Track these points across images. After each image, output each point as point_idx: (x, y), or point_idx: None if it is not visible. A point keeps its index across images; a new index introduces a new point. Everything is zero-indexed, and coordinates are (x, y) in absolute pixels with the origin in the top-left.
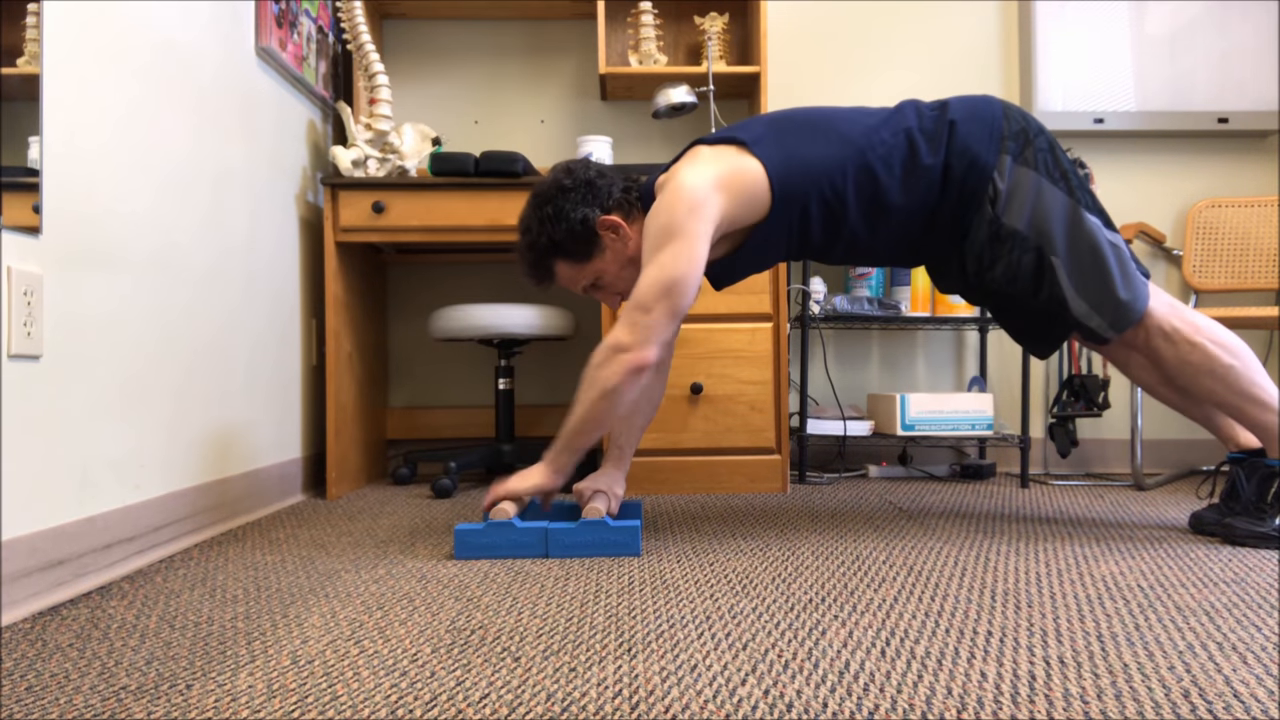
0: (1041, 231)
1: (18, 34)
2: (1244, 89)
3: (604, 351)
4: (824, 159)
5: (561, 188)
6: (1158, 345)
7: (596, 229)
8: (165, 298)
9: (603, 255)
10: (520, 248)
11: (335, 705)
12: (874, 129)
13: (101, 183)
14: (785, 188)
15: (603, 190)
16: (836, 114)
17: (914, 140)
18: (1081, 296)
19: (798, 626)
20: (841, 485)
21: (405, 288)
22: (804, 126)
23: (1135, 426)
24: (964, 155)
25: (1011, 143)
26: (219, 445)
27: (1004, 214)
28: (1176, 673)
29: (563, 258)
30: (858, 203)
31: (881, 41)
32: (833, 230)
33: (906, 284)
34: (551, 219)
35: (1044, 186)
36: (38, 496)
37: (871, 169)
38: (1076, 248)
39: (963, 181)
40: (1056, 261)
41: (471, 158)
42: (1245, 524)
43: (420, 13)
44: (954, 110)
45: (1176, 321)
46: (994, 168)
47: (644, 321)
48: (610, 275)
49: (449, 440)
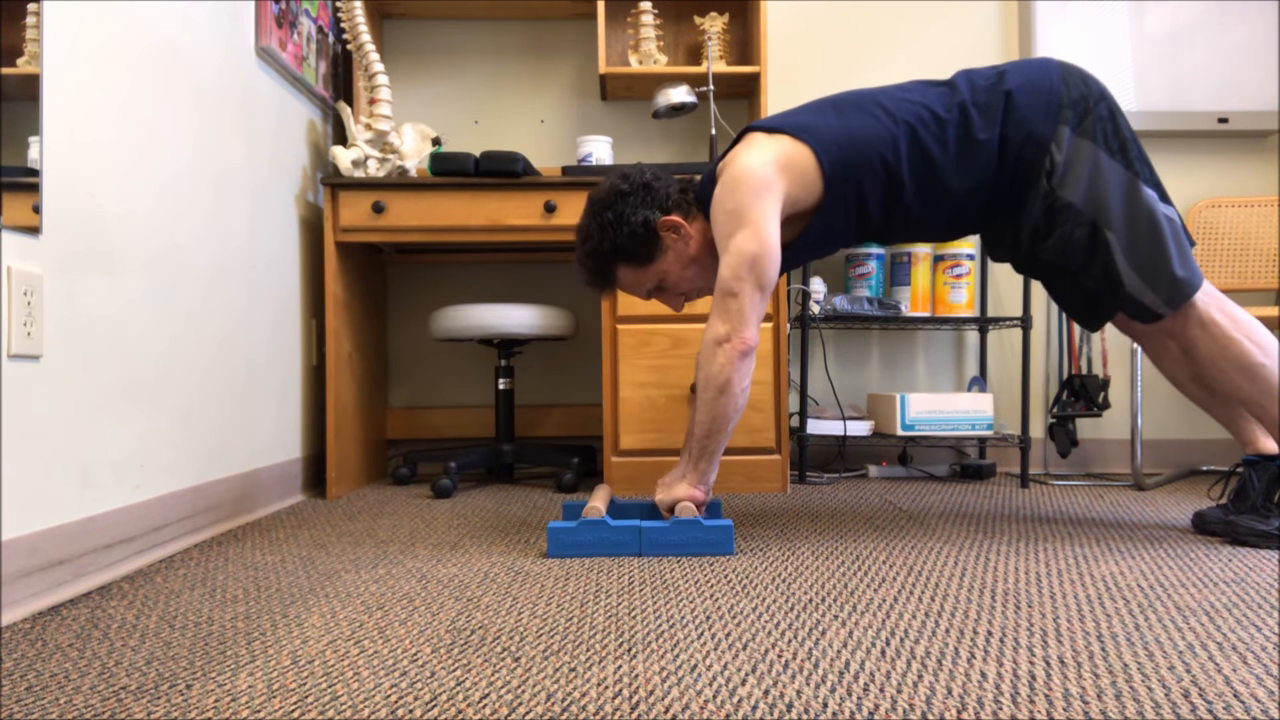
0: (1097, 205)
1: (18, 34)
2: (1244, 89)
3: (707, 348)
4: (871, 135)
5: (619, 192)
6: (1194, 334)
7: (658, 230)
8: (165, 298)
9: (665, 256)
10: (581, 255)
11: (335, 705)
12: (925, 104)
13: (102, 183)
14: (836, 168)
15: (660, 192)
16: (883, 92)
17: (968, 115)
18: (1136, 272)
19: (798, 626)
20: (841, 485)
21: (405, 288)
22: (850, 107)
23: (1135, 426)
24: (1021, 127)
25: (1070, 112)
26: (219, 445)
27: (1060, 187)
28: (1176, 673)
29: (625, 262)
30: (913, 178)
31: (881, 42)
32: (891, 205)
33: (906, 284)
34: (612, 224)
35: (1101, 159)
36: (38, 496)
37: (924, 146)
38: (1133, 222)
39: (1019, 154)
40: (1111, 236)
41: (471, 158)
42: (1248, 522)
43: (420, 13)
44: (1011, 79)
45: (1216, 313)
46: (1051, 140)
47: (735, 306)
48: (674, 276)
49: (449, 440)
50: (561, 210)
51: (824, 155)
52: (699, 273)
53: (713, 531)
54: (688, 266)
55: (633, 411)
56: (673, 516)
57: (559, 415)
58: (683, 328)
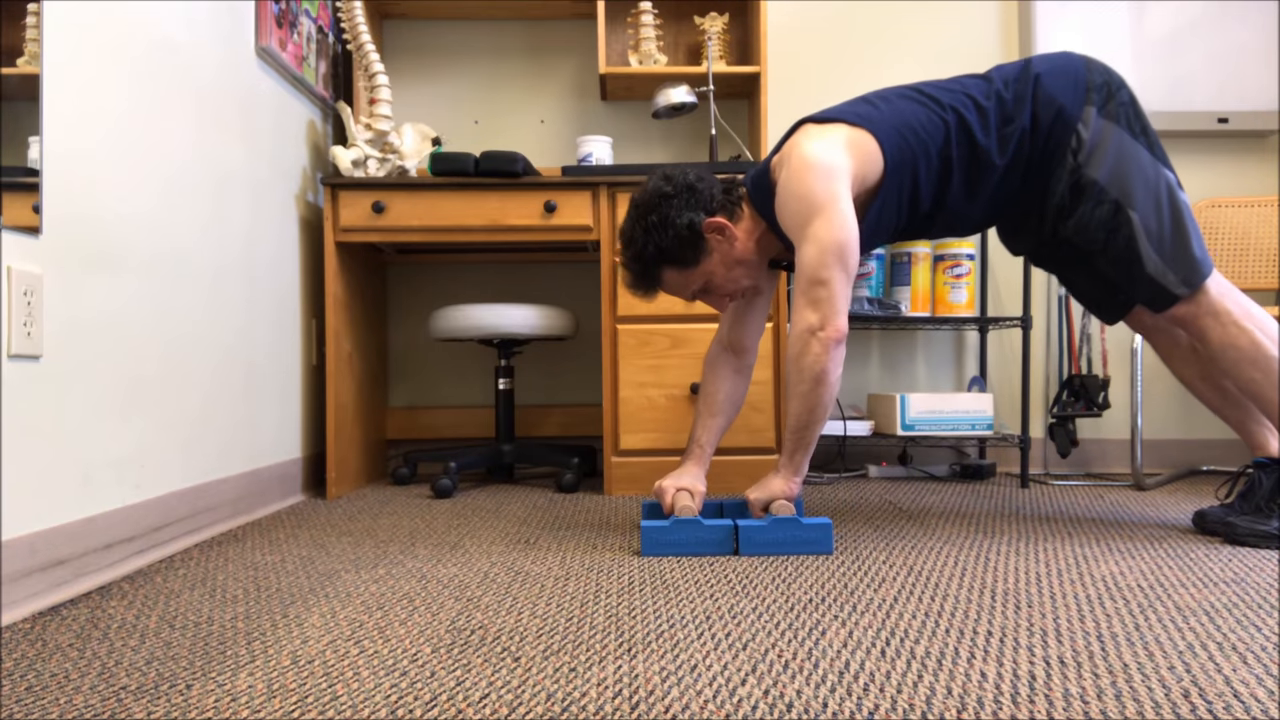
0: (1121, 184)
1: (18, 34)
2: (1244, 89)
3: (799, 339)
4: (927, 124)
5: (664, 195)
6: (1206, 324)
7: (703, 233)
8: (165, 298)
9: (710, 258)
10: (626, 259)
11: (335, 705)
12: (967, 94)
13: (102, 183)
14: (896, 154)
15: (704, 193)
16: (928, 84)
17: (1004, 102)
18: (1156, 252)
19: (798, 626)
20: (841, 485)
21: (405, 288)
22: (898, 97)
23: (1135, 426)
24: (1050, 105)
25: (1096, 94)
26: (219, 445)
27: (1086, 165)
28: (1176, 673)
29: (671, 265)
30: (960, 164)
31: (882, 42)
32: (940, 194)
33: (906, 284)
34: (657, 227)
35: (1125, 140)
36: (38, 496)
37: (970, 130)
38: (1156, 202)
39: (1049, 132)
40: (1134, 215)
41: (471, 158)
42: (1248, 522)
43: (420, 13)
44: (1037, 65)
45: (1230, 303)
46: (1079, 118)
47: (825, 294)
48: (720, 277)
49: (449, 440)
50: (561, 210)
51: (885, 140)
52: (745, 273)
53: (811, 530)
54: (733, 267)
55: (633, 411)
56: (766, 514)
57: (559, 415)
58: (683, 328)
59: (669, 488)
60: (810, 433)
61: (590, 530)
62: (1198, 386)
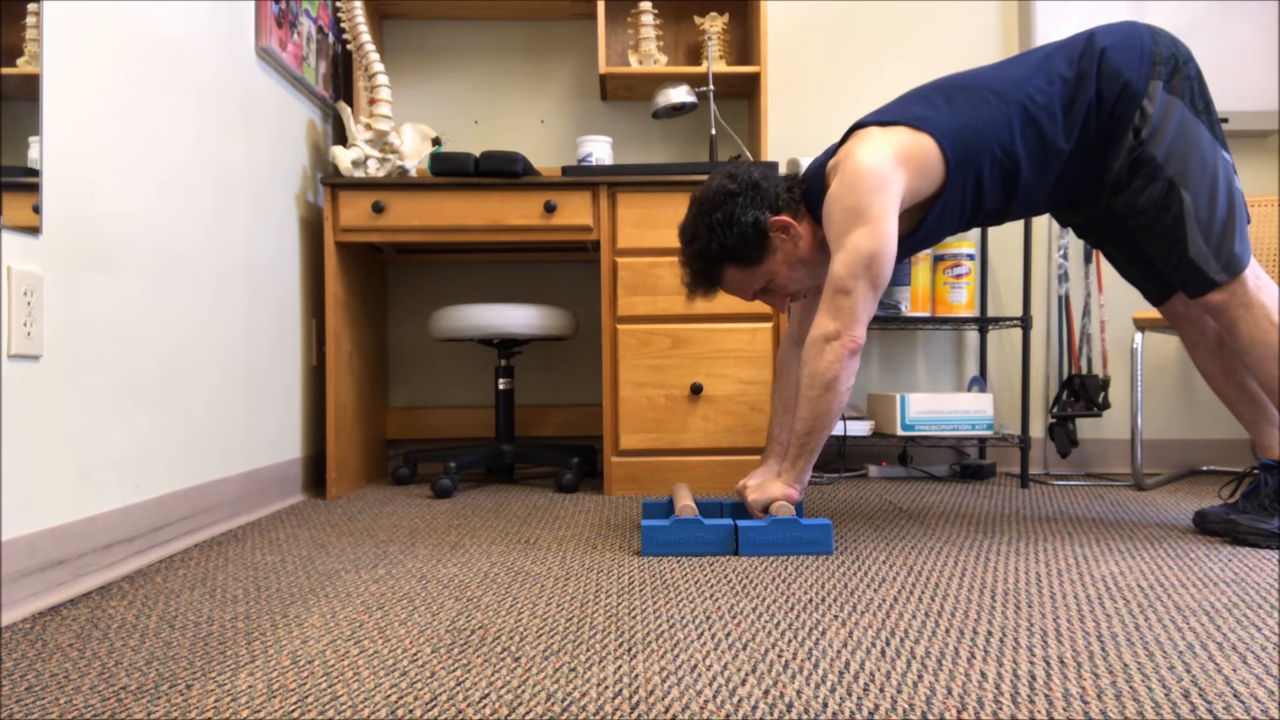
0: (1179, 163)
1: (18, 34)
2: (1244, 89)
3: (815, 345)
4: (989, 120)
5: (728, 192)
6: (1236, 315)
7: (768, 231)
8: (166, 298)
9: (773, 257)
10: (688, 257)
11: (335, 705)
12: (1028, 79)
13: (101, 183)
14: (960, 155)
15: (769, 191)
16: (986, 73)
17: (1067, 82)
18: (1203, 236)
19: (798, 626)
20: (841, 485)
21: (405, 288)
22: (960, 93)
23: (1135, 426)
24: (1115, 79)
25: (1163, 67)
26: (219, 445)
27: (1148, 141)
28: (1176, 673)
29: (734, 263)
30: (1028, 156)
31: (882, 42)
32: (1008, 189)
33: (906, 284)
34: (722, 224)
35: (1188, 118)
36: (38, 496)
37: (1036, 120)
38: (1211, 186)
39: (1114, 106)
40: (1187, 195)
41: (471, 158)
42: (1249, 521)
43: (420, 13)
44: (1102, 38)
45: (1265, 297)
46: (1144, 94)
47: (847, 304)
48: (782, 276)
49: (449, 440)
50: (561, 210)
51: (947, 145)
52: (807, 273)
53: (811, 530)
54: (796, 267)
55: (633, 411)
56: (767, 515)
57: (559, 415)
58: (683, 328)
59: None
60: (815, 439)
61: (590, 530)
62: (1217, 380)
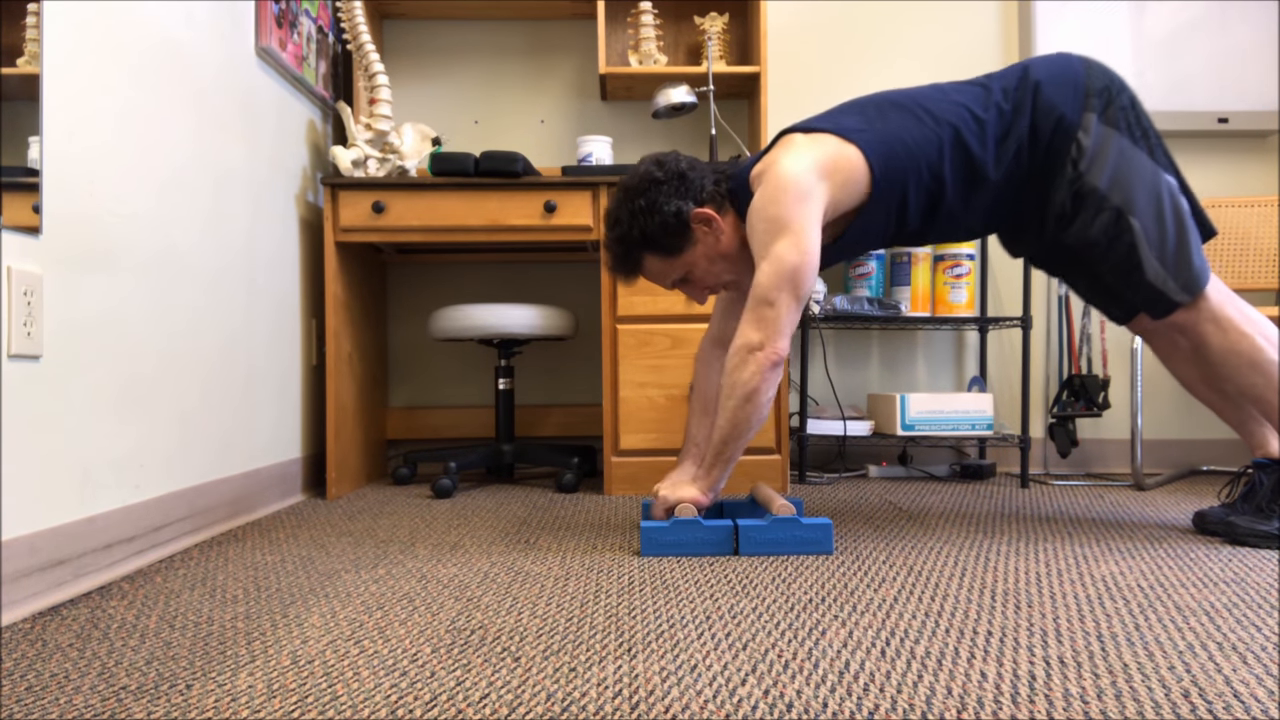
0: (1123, 191)
1: (18, 34)
2: (1244, 89)
3: (738, 354)
4: (920, 140)
5: (654, 180)
6: (1207, 330)
7: (690, 222)
8: (165, 298)
9: (694, 249)
10: (609, 241)
11: (335, 705)
12: (965, 104)
13: (101, 183)
14: (886, 172)
15: (695, 183)
16: (923, 94)
17: (1002, 112)
18: (1158, 258)
19: (798, 626)
20: (841, 485)
21: (405, 288)
22: (895, 109)
23: (1135, 426)
24: (1050, 114)
25: (1096, 100)
26: (219, 445)
27: (1086, 172)
28: (1176, 673)
29: (654, 251)
30: (954, 181)
31: (882, 42)
32: (930, 211)
33: (906, 284)
34: (644, 211)
35: (1126, 146)
36: (38, 496)
37: (966, 146)
38: (1158, 209)
39: (1050, 141)
40: (1135, 223)
41: (471, 158)
42: (1248, 522)
43: (420, 13)
44: (1036, 71)
45: (1230, 309)
46: (1079, 126)
47: (771, 315)
48: (701, 269)
49: (449, 440)
50: (561, 210)
51: (874, 157)
52: (727, 268)
53: (811, 530)
54: (716, 261)
55: (633, 411)
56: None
57: (559, 415)
58: (682, 328)
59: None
60: (731, 449)
61: (590, 530)
62: (1198, 388)
